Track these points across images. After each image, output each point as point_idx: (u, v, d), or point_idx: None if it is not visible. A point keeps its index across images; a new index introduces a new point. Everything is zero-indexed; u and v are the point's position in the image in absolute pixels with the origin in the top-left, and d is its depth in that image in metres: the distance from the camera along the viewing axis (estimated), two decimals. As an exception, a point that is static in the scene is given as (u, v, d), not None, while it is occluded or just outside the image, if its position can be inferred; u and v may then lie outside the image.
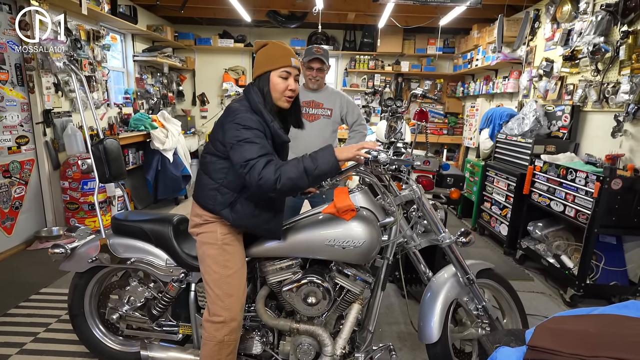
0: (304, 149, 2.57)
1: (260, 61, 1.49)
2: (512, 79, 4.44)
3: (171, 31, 5.68)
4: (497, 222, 3.72)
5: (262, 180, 1.31)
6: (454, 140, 6.16)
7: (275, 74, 1.47)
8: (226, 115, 1.43)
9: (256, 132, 1.37)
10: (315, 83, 2.49)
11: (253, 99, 1.45)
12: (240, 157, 1.34)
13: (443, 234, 1.64)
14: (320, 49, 2.40)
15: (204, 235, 1.52)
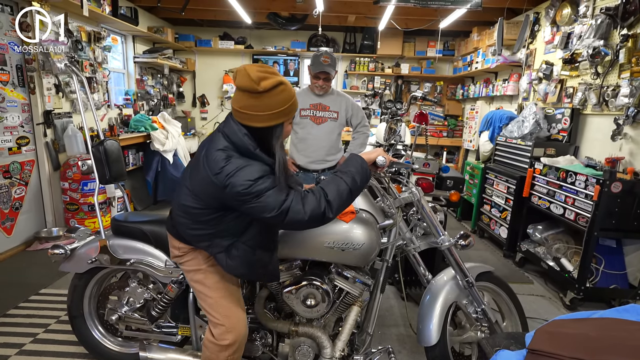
0: (312, 152, 2.62)
1: (263, 109, 1.21)
2: (512, 82, 4.45)
3: (172, 33, 5.69)
4: (496, 224, 3.72)
5: (312, 216, 1.20)
6: (454, 143, 6.17)
7: (288, 122, 1.30)
8: (215, 171, 1.21)
9: (267, 177, 1.21)
10: (322, 90, 2.55)
11: (244, 146, 1.24)
12: (268, 209, 1.19)
13: (442, 237, 1.64)
14: (328, 58, 2.42)
15: (187, 264, 1.45)
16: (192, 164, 1.38)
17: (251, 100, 1.20)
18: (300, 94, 2.60)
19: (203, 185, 1.27)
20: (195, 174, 1.31)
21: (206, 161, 1.25)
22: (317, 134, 2.60)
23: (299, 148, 2.65)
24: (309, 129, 2.60)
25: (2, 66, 3.12)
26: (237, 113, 1.25)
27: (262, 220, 1.26)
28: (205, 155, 1.27)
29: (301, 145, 2.64)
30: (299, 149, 2.65)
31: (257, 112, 1.22)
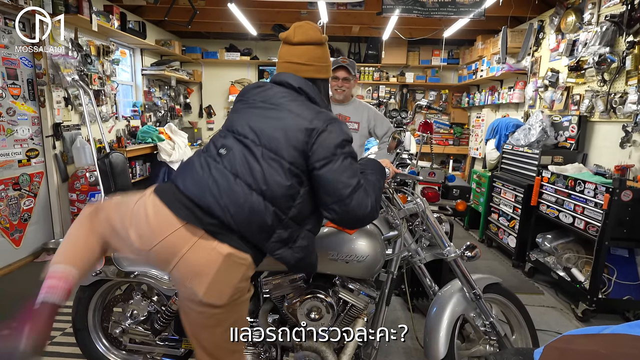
0: None
1: (325, 60, 1.30)
2: (518, 90, 4.42)
3: (179, 45, 5.79)
4: (504, 233, 3.67)
5: (368, 210, 1.16)
6: (460, 151, 6.13)
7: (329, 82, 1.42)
8: (313, 114, 1.17)
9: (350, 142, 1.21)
10: (341, 94, 2.42)
11: (323, 104, 1.27)
12: (347, 180, 1.13)
13: (448, 248, 1.61)
14: (345, 59, 2.36)
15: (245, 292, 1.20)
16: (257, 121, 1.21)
17: (317, 52, 1.28)
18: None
19: (289, 132, 1.16)
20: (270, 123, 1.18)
21: (293, 108, 1.19)
22: None
23: None
24: None
25: (13, 80, 3.19)
26: (302, 67, 1.27)
27: (328, 192, 1.16)
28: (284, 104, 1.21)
29: None
30: None
31: (323, 63, 1.29)
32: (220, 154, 1.19)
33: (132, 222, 1.13)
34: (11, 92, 3.18)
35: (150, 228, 1.11)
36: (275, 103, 1.22)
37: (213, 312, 1.12)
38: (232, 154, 1.17)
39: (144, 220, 1.12)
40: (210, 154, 1.21)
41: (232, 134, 1.23)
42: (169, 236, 1.09)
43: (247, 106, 1.27)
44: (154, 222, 1.11)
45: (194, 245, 1.09)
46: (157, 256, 1.12)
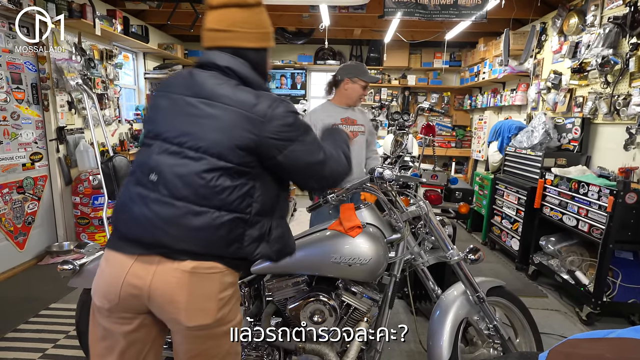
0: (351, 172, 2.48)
1: (254, 25, 1.10)
2: (520, 92, 4.42)
3: (181, 49, 5.82)
4: (508, 236, 3.65)
5: (344, 170, 1.17)
6: (463, 153, 6.12)
7: (269, 54, 1.19)
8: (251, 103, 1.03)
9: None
10: (361, 102, 2.47)
11: (255, 80, 1.09)
12: (315, 151, 1.10)
13: (451, 251, 1.61)
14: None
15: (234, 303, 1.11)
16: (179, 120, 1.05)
17: (242, 15, 1.07)
18: (324, 108, 2.44)
19: (231, 131, 1.01)
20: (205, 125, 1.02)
21: (227, 99, 1.03)
22: (354, 150, 2.45)
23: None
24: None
25: (17, 85, 3.22)
26: (220, 35, 1.08)
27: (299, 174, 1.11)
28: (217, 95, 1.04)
29: None
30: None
31: (251, 30, 1.09)
32: (152, 181, 1.02)
33: (97, 290, 1.05)
34: (15, 97, 3.20)
35: (109, 280, 1.02)
36: (207, 96, 1.04)
37: (206, 333, 1.03)
38: (164, 177, 1.01)
39: (101, 278, 1.04)
40: (141, 183, 1.04)
41: (160, 143, 1.04)
42: (127, 276, 0.99)
43: (174, 105, 1.07)
44: (109, 272, 1.03)
45: (155, 274, 0.99)
46: (129, 302, 1.01)
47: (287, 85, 6.44)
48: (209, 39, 1.10)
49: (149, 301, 1.00)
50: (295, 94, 6.45)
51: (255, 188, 1.07)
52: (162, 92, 1.12)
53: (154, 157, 1.04)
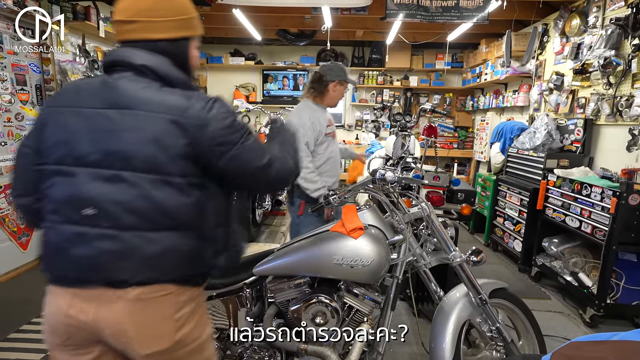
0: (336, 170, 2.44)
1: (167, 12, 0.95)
2: (522, 93, 4.41)
3: (184, 51, 5.84)
4: (510, 237, 3.64)
5: (291, 171, 1.07)
6: (465, 154, 6.11)
7: (195, 43, 1.04)
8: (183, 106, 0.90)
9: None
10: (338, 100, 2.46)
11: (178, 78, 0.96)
12: (259, 154, 0.98)
13: (453, 253, 1.61)
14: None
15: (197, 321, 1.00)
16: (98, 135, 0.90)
17: (147, 2, 0.93)
18: (313, 108, 2.32)
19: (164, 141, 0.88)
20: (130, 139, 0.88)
21: (152, 106, 0.89)
22: (336, 151, 2.46)
23: (322, 170, 2.32)
24: (332, 147, 2.37)
25: (22, 86, 3.24)
26: (128, 26, 0.93)
27: (244, 179, 1.01)
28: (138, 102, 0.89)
29: (326, 167, 2.34)
30: (323, 170, 2.32)
31: (160, 17, 0.94)
32: (88, 215, 0.88)
33: (45, 326, 0.96)
34: (20, 98, 3.22)
35: (52, 317, 0.92)
36: (126, 105, 0.90)
37: (168, 357, 0.94)
38: (103, 209, 0.88)
39: (46, 313, 0.94)
40: (72, 221, 0.89)
41: (86, 169, 0.89)
42: (69, 310, 0.89)
43: (87, 121, 0.90)
44: (50, 309, 0.93)
45: (97, 306, 0.89)
46: (78, 335, 0.92)
47: (289, 86, 6.45)
48: (117, 32, 0.96)
49: (99, 333, 0.91)
50: (297, 95, 6.46)
51: (207, 199, 0.96)
52: (67, 108, 0.93)
53: (83, 187, 0.88)
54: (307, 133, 2.19)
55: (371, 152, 4.83)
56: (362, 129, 6.54)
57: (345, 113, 6.61)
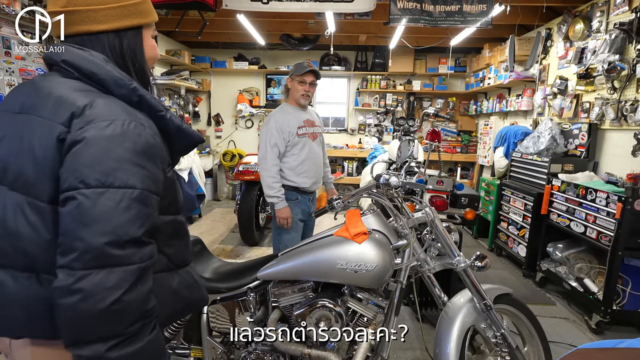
0: (314, 172, 2.47)
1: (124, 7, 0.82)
2: (526, 97, 4.41)
3: (189, 55, 5.89)
4: (514, 242, 3.62)
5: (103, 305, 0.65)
6: (468, 159, 6.10)
7: (149, 33, 0.90)
8: (68, 113, 0.72)
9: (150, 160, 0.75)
10: (307, 99, 2.41)
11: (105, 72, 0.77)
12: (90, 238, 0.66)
13: (457, 258, 1.60)
14: (311, 64, 2.35)
15: None
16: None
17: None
18: (287, 110, 2.39)
19: (40, 154, 0.72)
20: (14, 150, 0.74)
21: (42, 110, 0.74)
22: (317, 152, 2.47)
23: (299, 171, 2.39)
24: (309, 148, 2.40)
25: (28, 91, 3.28)
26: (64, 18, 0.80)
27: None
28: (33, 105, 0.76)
29: (303, 167, 2.39)
30: (300, 171, 2.39)
31: (98, 6, 0.79)
32: None
33: None
34: (26, 102, 3.26)
35: None
36: (27, 107, 0.76)
37: None
38: None
39: None
40: None
41: None
42: None
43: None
44: None
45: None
46: None
47: (293, 90, 6.48)
48: (53, 26, 0.83)
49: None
50: None
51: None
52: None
53: None
54: (272, 135, 2.29)
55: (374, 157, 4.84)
56: (365, 133, 6.55)
57: (348, 117, 6.63)
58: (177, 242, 0.91)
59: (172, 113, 0.86)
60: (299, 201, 2.41)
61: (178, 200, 0.91)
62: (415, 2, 3.14)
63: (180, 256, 0.91)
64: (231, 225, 4.76)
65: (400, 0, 3.15)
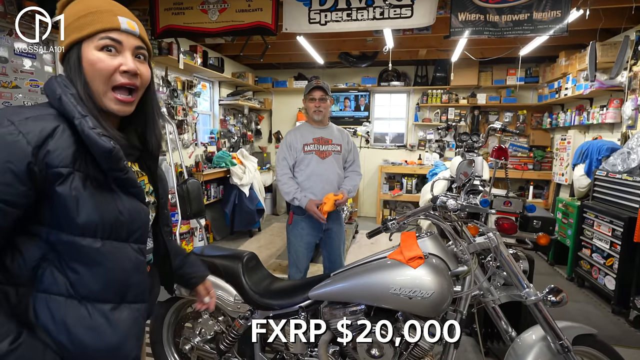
0: (319, 190, 2.45)
1: (65, 29, 0.82)
2: (612, 108, 3.92)
3: (252, 76, 6.25)
4: (600, 272, 3.18)
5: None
6: (542, 176, 5.57)
7: (92, 46, 0.80)
8: None
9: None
10: (320, 114, 2.44)
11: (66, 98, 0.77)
12: None
13: (527, 290, 1.44)
14: (319, 80, 2.46)
15: None
16: None
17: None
18: (301, 128, 2.53)
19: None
20: None
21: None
22: (324, 169, 2.45)
23: (305, 186, 2.45)
24: (314, 165, 2.44)
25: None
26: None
27: None
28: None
29: (308, 183, 2.44)
30: (306, 187, 2.44)
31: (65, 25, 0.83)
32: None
33: None
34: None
35: None
36: None
37: None
38: None
39: None
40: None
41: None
42: None
43: None
44: None
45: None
46: None
47: (351, 107, 6.52)
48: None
49: None
50: (358, 115, 6.51)
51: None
52: None
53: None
54: (283, 151, 2.47)
55: (435, 173, 4.63)
56: (425, 149, 6.33)
57: (408, 133, 6.47)
58: (83, 269, 0.79)
59: (86, 120, 0.76)
60: (306, 217, 2.45)
61: (82, 222, 0.76)
62: (478, 13, 2.99)
63: (85, 287, 0.79)
64: (288, 239, 4.85)
65: (461, 13, 3.02)
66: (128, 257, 0.84)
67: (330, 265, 2.57)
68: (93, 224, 0.78)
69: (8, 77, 2.78)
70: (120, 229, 0.82)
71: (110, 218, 0.80)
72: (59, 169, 0.74)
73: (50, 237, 0.77)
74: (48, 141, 0.73)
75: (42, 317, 0.77)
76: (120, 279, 0.84)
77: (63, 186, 0.75)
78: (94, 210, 0.77)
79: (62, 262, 0.78)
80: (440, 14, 3.34)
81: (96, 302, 0.81)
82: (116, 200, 0.82)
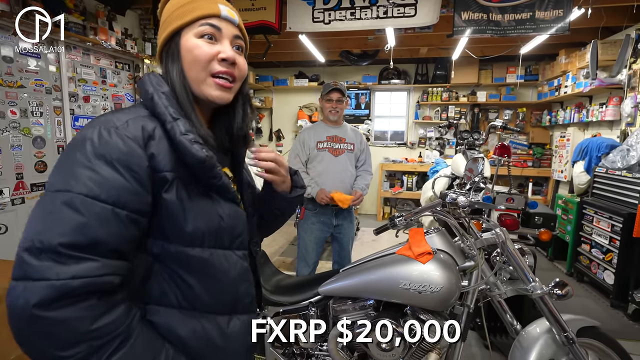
0: (332, 186, 2.51)
1: (165, 22, 0.79)
2: (612, 106, 3.97)
3: (253, 75, 6.27)
4: (599, 267, 3.23)
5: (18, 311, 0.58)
6: (541, 173, 5.62)
7: (191, 33, 0.77)
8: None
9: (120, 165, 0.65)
10: (336, 114, 2.53)
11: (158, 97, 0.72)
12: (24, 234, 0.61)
13: (533, 284, 1.48)
14: (337, 82, 2.54)
15: None
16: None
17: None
18: (315, 127, 2.62)
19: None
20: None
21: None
22: (336, 167, 2.53)
23: (319, 183, 2.53)
24: (327, 162, 2.53)
25: (119, 113, 3.73)
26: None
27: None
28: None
29: (320, 179, 2.52)
30: (319, 183, 2.52)
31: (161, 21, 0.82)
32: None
33: None
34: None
35: None
36: None
37: None
38: None
39: None
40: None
41: None
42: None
43: None
44: None
45: None
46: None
47: (351, 105, 6.55)
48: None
49: None
50: (359, 113, 6.54)
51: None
52: None
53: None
54: (296, 147, 2.58)
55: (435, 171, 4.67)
56: (425, 147, 6.37)
57: (408, 130, 6.51)
58: (194, 280, 0.74)
59: (177, 123, 0.70)
60: (317, 212, 2.53)
61: (190, 231, 0.72)
62: (481, 12, 3.02)
63: (196, 298, 0.75)
64: (291, 237, 4.89)
65: (464, 12, 3.05)
66: (234, 265, 0.80)
67: (340, 260, 2.64)
68: (200, 232, 0.73)
69: (13, 76, 2.79)
70: (223, 235, 0.77)
71: (213, 225, 0.75)
72: (164, 173, 0.69)
73: (154, 249, 0.72)
74: (151, 143, 0.69)
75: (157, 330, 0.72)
76: (230, 289, 0.80)
77: (169, 193, 0.70)
78: (199, 217, 0.73)
79: (169, 273, 0.73)
80: (443, 13, 3.37)
81: (209, 313, 0.77)
82: (216, 205, 0.77)
